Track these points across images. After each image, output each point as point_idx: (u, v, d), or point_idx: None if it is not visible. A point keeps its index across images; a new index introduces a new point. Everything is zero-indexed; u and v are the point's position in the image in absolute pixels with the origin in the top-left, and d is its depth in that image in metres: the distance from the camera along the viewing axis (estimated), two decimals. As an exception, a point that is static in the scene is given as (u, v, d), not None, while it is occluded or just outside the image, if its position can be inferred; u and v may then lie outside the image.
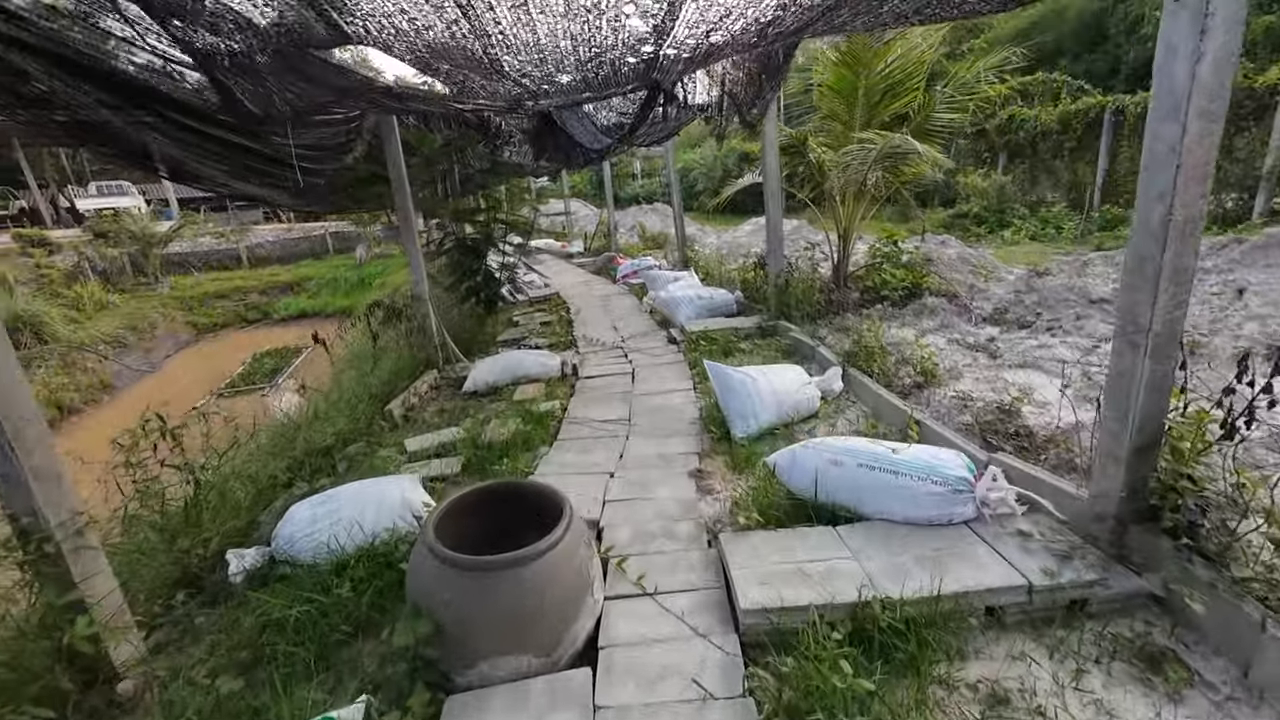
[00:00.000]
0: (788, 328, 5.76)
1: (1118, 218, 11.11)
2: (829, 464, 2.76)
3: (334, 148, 4.95)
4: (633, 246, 14.33)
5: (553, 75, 2.65)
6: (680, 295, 7.01)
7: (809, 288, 6.25)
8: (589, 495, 3.27)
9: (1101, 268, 5.20)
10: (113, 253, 20.55)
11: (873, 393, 4.05)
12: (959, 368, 4.49)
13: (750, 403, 3.79)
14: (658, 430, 4.10)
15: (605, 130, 4.39)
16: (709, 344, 5.65)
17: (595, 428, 4.24)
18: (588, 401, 4.80)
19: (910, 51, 5.90)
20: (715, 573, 2.49)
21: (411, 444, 4.22)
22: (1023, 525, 2.42)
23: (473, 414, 4.87)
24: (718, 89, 3.57)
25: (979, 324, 5.32)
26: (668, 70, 2.89)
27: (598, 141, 4.61)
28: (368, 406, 4.80)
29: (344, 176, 5.98)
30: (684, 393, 4.74)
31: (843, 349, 5.27)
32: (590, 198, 28.67)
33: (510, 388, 5.26)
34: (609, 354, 6.16)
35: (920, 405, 3.97)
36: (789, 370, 4.11)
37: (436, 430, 4.53)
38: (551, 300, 9.36)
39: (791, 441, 3.69)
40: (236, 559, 2.81)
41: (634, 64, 2.64)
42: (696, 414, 4.32)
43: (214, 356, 16.07)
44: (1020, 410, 3.49)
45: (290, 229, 27.01)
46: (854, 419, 3.96)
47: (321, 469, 3.92)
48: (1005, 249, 9.61)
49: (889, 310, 6.14)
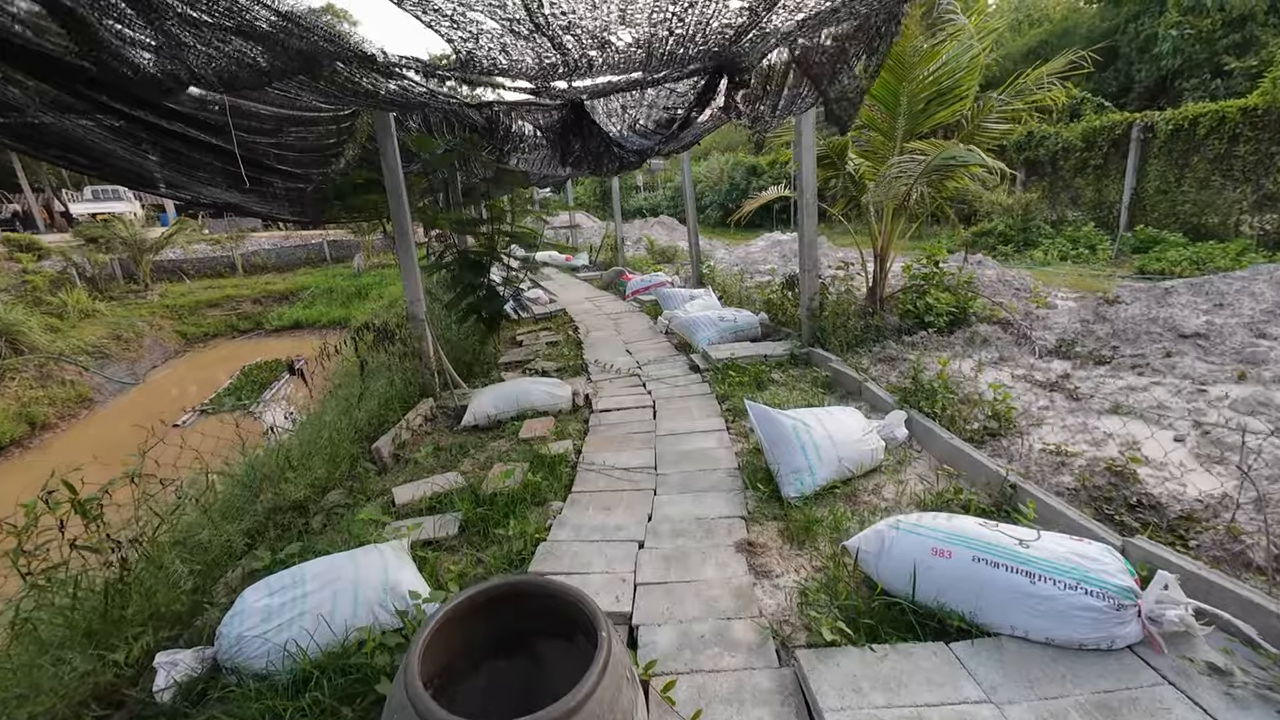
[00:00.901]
0: (825, 357, 5.17)
1: (1152, 238, 10.58)
2: (931, 554, 2.15)
3: (320, 149, 4.37)
4: (641, 260, 13.80)
5: (608, 29, 2.02)
6: (700, 317, 6.43)
7: (845, 311, 5.67)
8: (616, 574, 2.65)
9: (1187, 297, 4.65)
10: (103, 259, 20.00)
11: (944, 443, 3.44)
12: (1034, 410, 3.89)
13: (804, 455, 3.18)
14: (690, 483, 3.48)
15: (644, 131, 3.74)
16: (738, 375, 5.05)
17: (616, 478, 3.62)
18: (604, 442, 4.19)
19: (962, 55, 5.38)
20: (796, 710, 1.86)
21: (401, 494, 3.59)
22: (1213, 656, 1.81)
23: (473, 453, 4.25)
24: (781, 76, 2.98)
25: (1043, 357, 4.73)
26: (760, 41, 2.26)
27: (637, 142, 3.99)
28: (352, 445, 4.18)
29: (335, 183, 5.41)
30: (715, 434, 4.13)
31: (888, 381, 4.68)
32: (594, 209, 28.27)
33: (514, 422, 4.64)
34: (624, 382, 5.55)
35: (1000, 456, 3.37)
36: (847, 415, 3.50)
37: (430, 475, 3.90)
38: (558, 318, 8.77)
39: (855, 503, 3.08)
40: (167, 668, 2.17)
41: (717, 31, 2.02)
42: (734, 462, 3.70)
43: (202, 368, 15.43)
44: (1137, 473, 2.89)
45: (288, 237, 26.48)
46: (925, 474, 3.35)
47: (292, 526, 3.30)
48: (1038, 270, 9.08)
49: (934, 338, 5.56)
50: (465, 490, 3.54)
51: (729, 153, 26.78)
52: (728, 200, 23.28)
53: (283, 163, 3.98)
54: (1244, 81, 18.40)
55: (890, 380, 4.79)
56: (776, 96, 3.20)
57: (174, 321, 17.85)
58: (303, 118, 3.68)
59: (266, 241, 25.45)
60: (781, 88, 3.09)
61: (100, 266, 19.72)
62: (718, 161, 25.43)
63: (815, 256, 5.56)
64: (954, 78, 5.45)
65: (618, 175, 5.82)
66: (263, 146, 3.55)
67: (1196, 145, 11.21)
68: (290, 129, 3.69)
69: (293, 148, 3.94)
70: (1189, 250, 8.48)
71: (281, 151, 3.81)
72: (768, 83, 3.01)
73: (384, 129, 4.70)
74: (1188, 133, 11.33)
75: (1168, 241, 10.22)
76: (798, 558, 2.71)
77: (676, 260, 13.33)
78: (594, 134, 3.54)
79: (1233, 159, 10.59)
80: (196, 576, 2.65)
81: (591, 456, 3.94)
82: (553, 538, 3.02)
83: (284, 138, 3.63)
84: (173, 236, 20.01)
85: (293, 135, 3.76)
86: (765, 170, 22.70)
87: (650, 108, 3.27)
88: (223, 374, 13.75)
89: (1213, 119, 10.87)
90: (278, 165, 3.95)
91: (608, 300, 9.92)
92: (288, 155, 4.10)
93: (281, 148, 3.79)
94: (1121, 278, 8.49)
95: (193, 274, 21.64)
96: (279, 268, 23.51)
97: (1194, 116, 11.22)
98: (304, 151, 4.12)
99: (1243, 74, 18.73)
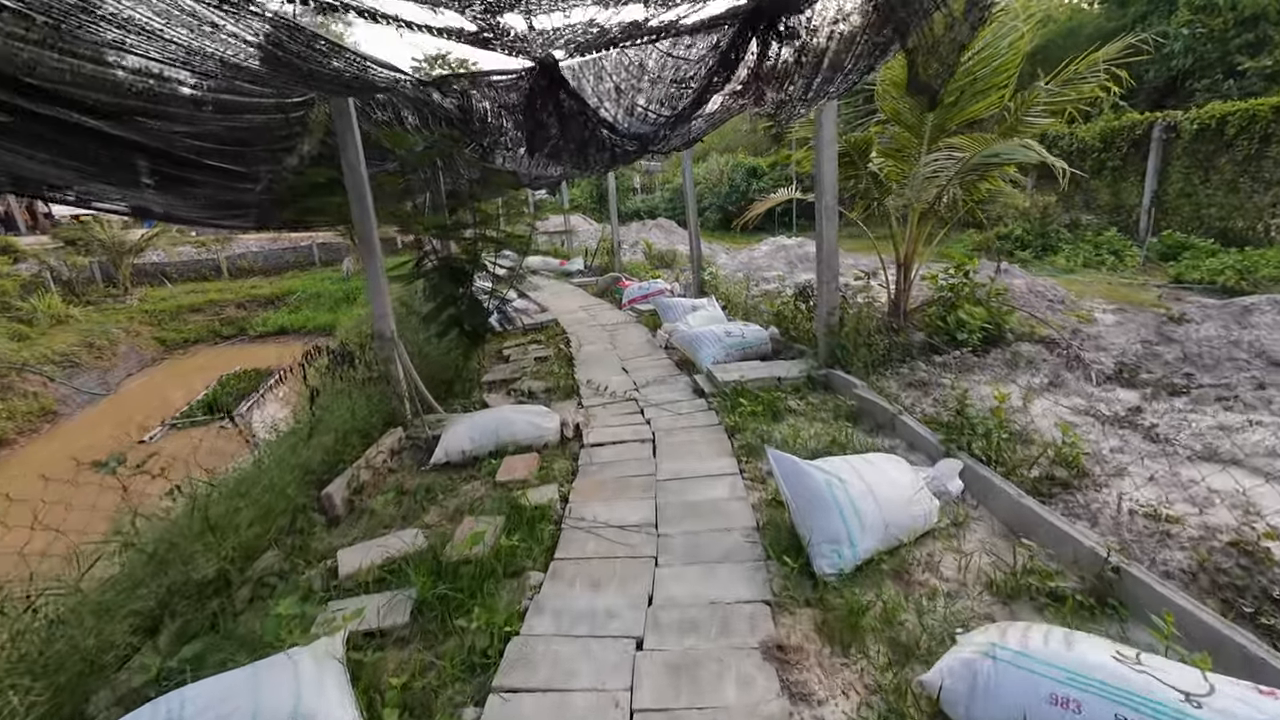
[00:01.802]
0: (848, 381, 4.54)
1: (1180, 244, 10.00)
2: (1050, 703, 1.52)
3: (266, 143, 3.72)
4: (638, 265, 13.17)
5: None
6: (704, 332, 5.80)
7: (867, 328, 5.05)
8: (606, 691, 2.02)
9: (1272, 316, 4.06)
10: (82, 261, 19.32)
11: (1009, 500, 2.82)
12: (1105, 453, 3.28)
13: (842, 520, 2.55)
14: (700, 549, 2.85)
15: (643, 115, 2.90)
16: (749, 402, 4.42)
17: (609, 540, 2.99)
18: (595, 488, 3.55)
19: (999, 40, 4.77)
20: None
21: (347, 559, 2.95)
22: None
23: (441, 500, 3.62)
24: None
25: (1102, 384, 4.12)
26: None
27: (634, 126, 3.11)
28: (298, 491, 3.54)
29: (292, 183, 4.77)
30: (727, 479, 3.50)
31: (923, 412, 4.06)
32: (591, 212, 27.64)
33: (492, 459, 4.01)
34: (620, 408, 4.92)
35: (1077, 517, 2.75)
36: (890, 465, 2.87)
37: (387, 532, 3.27)
38: (549, 329, 8.13)
39: (908, 583, 2.45)
40: None
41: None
42: (750, 518, 3.07)
43: (180, 377, 14.74)
44: (1271, 552, 2.26)
45: (276, 239, 25.75)
46: (988, 539, 2.73)
47: (208, 605, 2.65)
48: (1064, 278, 8.49)
49: (968, 359, 4.94)
50: (426, 554, 2.90)
51: (728, 154, 26.21)
52: (727, 203, 22.69)
53: (211, 157, 3.34)
54: (1258, 82, 17.91)
55: (925, 410, 4.17)
56: (813, 71, 2.54)
57: (153, 327, 17.15)
58: (232, 104, 3.04)
59: (254, 244, 24.75)
60: (821, 59, 2.43)
61: (78, 270, 19.03)
62: (717, 163, 24.85)
63: (836, 266, 4.93)
64: (990, 65, 4.84)
65: (610, 170, 5.10)
66: (175, 137, 2.91)
67: (1224, 145, 10.66)
68: (215, 117, 3.05)
69: (223, 139, 3.30)
70: (1230, 258, 7.91)
71: (205, 143, 3.17)
72: (803, 53, 2.37)
73: (343, 119, 4.06)
74: (1214, 132, 10.77)
75: (1198, 248, 9.64)
76: (844, 670, 2.08)
77: (676, 265, 12.71)
78: (576, 112, 2.83)
79: (1264, 160, 10.03)
80: (55, 695, 2.00)
81: (580, 508, 3.31)
82: (528, 629, 2.39)
83: (204, 126, 2.99)
84: (154, 239, 19.31)
85: (219, 125, 3.12)
86: (766, 172, 22.14)
87: (654, 83, 2.58)
88: (202, 383, 13.07)
89: (1243, 118, 10.31)
90: (205, 161, 3.31)
91: (603, 309, 9.29)
92: (225, 149, 3.45)
93: (205, 138, 3.15)
94: (1157, 287, 7.90)
95: (176, 277, 20.97)
96: (266, 271, 22.85)
97: (1222, 115, 10.66)
98: (242, 145, 3.48)
99: (1257, 74, 18.23)
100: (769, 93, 2.69)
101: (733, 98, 2.85)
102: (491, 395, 5.58)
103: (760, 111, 3.36)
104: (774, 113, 3.17)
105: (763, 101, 2.86)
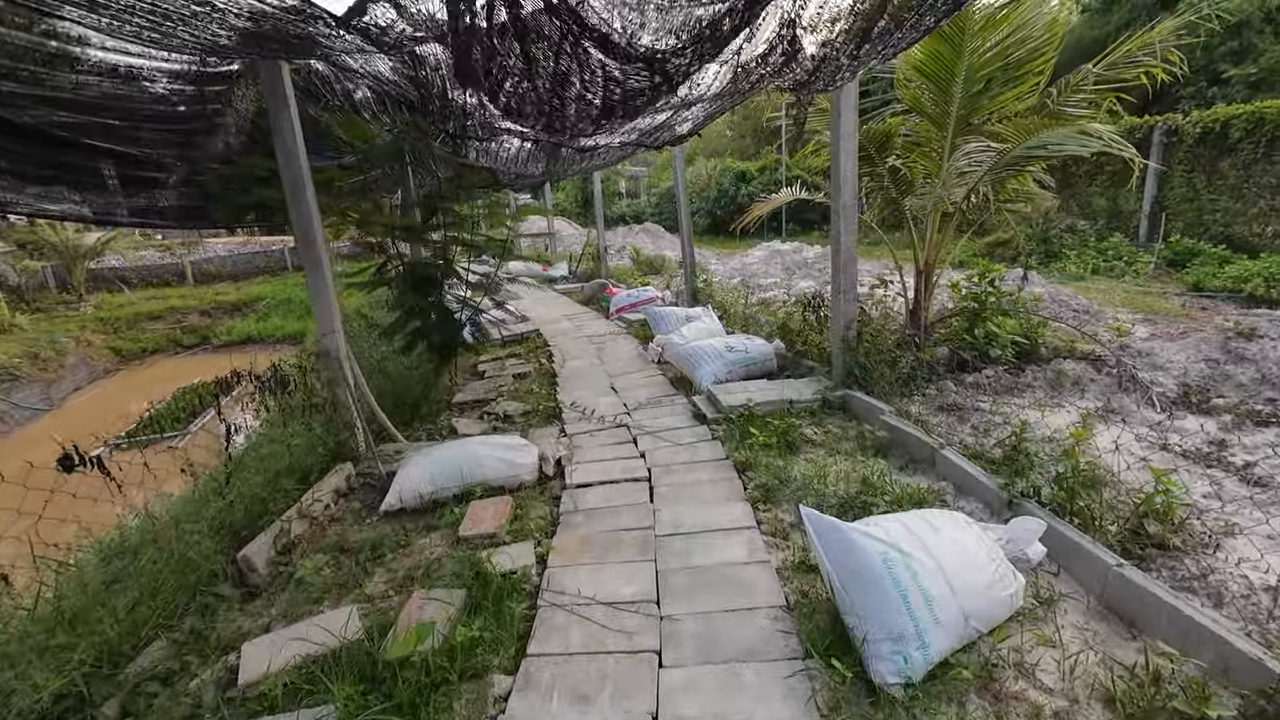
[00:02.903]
0: (870, 405, 3.95)
1: (1189, 250, 9.65)
2: None
3: (172, 121, 3.02)
4: (626, 271, 12.56)
5: None
6: (703, 346, 5.18)
7: (886, 343, 4.46)
8: None
9: (1365, 332, 3.57)
10: (34, 266, 18.19)
11: (1109, 573, 2.22)
12: (1197, 499, 2.71)
13: (908, 610, 1.93)
14: (717, 640, 2.20)
15: (648, 53, 1.85)
16: (759, 430, 3.78)
17: (598, 624, 2.33)
18: (580, 546, 2.89)
19: (1033, 18, 4.24)
20: None
21: (255, 654, 2.26)
22: None
23: (389, 561, 2.93)
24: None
25: (1166, 409, 3.57)
26: None
27: (629, 72, 2.07)
28: (211, 551, 2.83)
29: (225, 174, 4.07)
30: (742, 534, 2.86)
31: (962, 443, 3.48)
32: (575, 217, 27.01)
33: (456, 505, 3.33)
34: (609, 436, 4.26)
35: (1190, 591, 2.17)
36: (958, 528, 2.25)
37: (316, 609, 2.58)
38: (529, 341, 7.46)
39: (998, 698, 1.84)
40: None
41: None
42: (777, 590, 2.43)
43: (134, 390, 13.73)
44: None
45: (246, 243, 24.71)
46: (1087, 625, 2.12)
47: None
48: (1075, 285, 8.02)
49: (1003, 378, 4.38)
50: (357, 650, 2.22)
51: (715, 158, 25.80)
52: (715, 208, 22.23)
53: (95, 135, 2.63)
54: (1243, 89, 17.99)
55: (963, 440, 3.58)
56: (877, 12, 1.86)
57: (108, 336, 16.08)
58: (105, 65, 2.34)
59: (222, 248, 23.74)
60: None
61: (29, 275, 17.91)
62: (705, 167, 24.41)
63: (854, 274, 4.35)
64: (1025, 48, 4.31)
65: (592, 137, 4.32)
66: (36, 106, 2.21)
67: (1228, 149, 10.36)
68: (83, 85, 2.35)
69: (110, 112, 2.60)
70: (1257, 265, 7.52)
71: (81, 116, 2.47)
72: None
73: (276, 95, 3.37)
74: (1218, 136, 10.48)
75: (1208, 254, 9.28)
76: None
77: (665, 271, 12.12)
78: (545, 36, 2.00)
79: (1271, 163, 9.73)
80: None
81: (561, 576, 2.64)
82: (486, 777, 1.72)
83: (82, 93, 2.29)
84: (110, 242, 18.25)
85: (95, 91, 2.42)
86: (755, 176, 21.71)
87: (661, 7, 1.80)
88: (159, 396, 12.12)
89: (1248, 120, 10.02)
90: (83, 140, 2.60)
91: (589, 318, 8.64)
92: (112, 127, 2.75)
93: (82, 109, 2.45)
94: (1177, 295, 7.47)
95: (136, 283, 19.87)
96: (234, 276, 21.82)
97: (1226, 118, 10.37)
98: (134, 122, 2.77)
99: (1241, 81, 18.33)
100: (808, 47, 2.08)
101: (760, 61, 2.22)
102: (462, 419, 4.90)
103: (782, 85, 2.76)
104: (805, 82, 2.57)
105: (795, 61, 2.23)
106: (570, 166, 7.59)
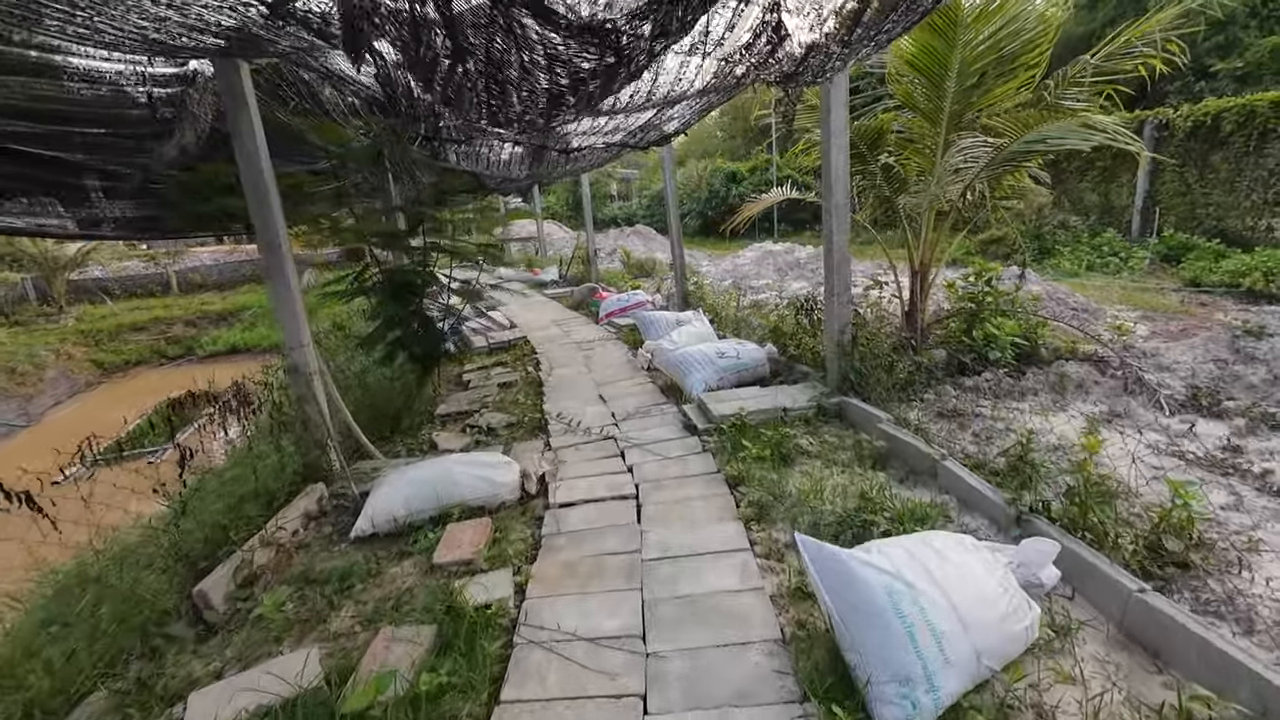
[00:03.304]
0: (867, 412, 3.78)
1: (1183, 245, 9.56)
2: None
3: (118, 125, 2.83)
4: (616, 274, 12.38)
5: None
6: (693, 353, 5.01)
7: (881, 347, 4.30)
8: None
9: (1380, 329, 3.44)
10: (13, 278, 17.84)
11: (1129, 598, 2.05)
12: (1215, 510, 2.56)
13: (915, 649, 1.75)
14: (707, 680, 2.02)
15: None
16: (752, 442, 3.61)
17: (578, 664, 2.14)
18: (562, 574, 2.70)
19: (1025, 10, 4.11)
20: None
21: (202, 706, 2.06)
22: None
23: (357, 593, 2.74)
24: None
25: (1175, 413, 3.42)
26: None
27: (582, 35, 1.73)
28: (166, 581, 2.63)
29: (186, 181, 3.86)
30: (735, 556, 2.68)
31: (964, 451, 3.32)
32: (566, 219, 26.81)
33: (432, 529, 3.13)
34: (595, 450, 4.08)
35: (1218, 616, 2.01)
36: (966, 553, 2.08)
37: (276, 649, 2.38)
38: (516, 349, 7.26)
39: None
40: None
41: None
42: (773, 622, 2.26)
43: (117, 403, 13.41)
44: None
45: (233, 251, 24.37)
46: (1107, 657, 1.96)
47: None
48: (1071, 282, 7.91)
49: (1003, 381, 4.23)
50: (314, 701, 2.02)
51: (706, 159, 25.71)
52: (707, 208, 22.10)
53: (27, 142, 2.43)
54: (1229, 83, 18.07)
55: (964, 448, 3.42)
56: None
57: (89, 348, 15.75)
58: (30, 63, 2.14)
59: (208, 257, 23.40)
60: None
61: (8, 287, 17.55)
62: (695, 168, 24.31)
63: (848, 275, 4.19)
64: (1018, 40, 4.17)
65: (562, 136, 4.13)
66: None
67: (1220, 143, 10.30)
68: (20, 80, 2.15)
69: (39, 117, 2.40)
70: (1254, 259, 7.42)
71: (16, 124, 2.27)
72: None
73: (234, 95, 3.18)
74: (1210, 129, 10.42)
75: (1202, 249, 9.19)
76: None
77: (656, 274, 11.95)
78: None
79: (1263, 156, 9.67)
80: None
81: (540, 608, 2.46)
82: None
83: None
84: (91, 253, 17.92)
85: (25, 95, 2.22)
86: (746, 176, 21.61)
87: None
88: (140, 410, 11.83)
89: (1239, 113, 9.96)
90: (19, 148, 2.41)
91: (578, 324, 8.45)
92: (49, 133, 2.55)
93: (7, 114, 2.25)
94: (1174, 291, 7.36)
95: (119, 293, 19.53)
96: (220, 285, 21.50)
97: (1217, 111, 10.31)
98: (70, 127, 2.57)
99: (1228, 75, 18.42)
100: (793, 31, 1.90)
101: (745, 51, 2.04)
102: (444, 433, 4.70)
103: (769, 78, 2.59)
104: (792, 74, 2.41)
105: (782, 49, 2.05)
106: (556, 169, 7.40)
